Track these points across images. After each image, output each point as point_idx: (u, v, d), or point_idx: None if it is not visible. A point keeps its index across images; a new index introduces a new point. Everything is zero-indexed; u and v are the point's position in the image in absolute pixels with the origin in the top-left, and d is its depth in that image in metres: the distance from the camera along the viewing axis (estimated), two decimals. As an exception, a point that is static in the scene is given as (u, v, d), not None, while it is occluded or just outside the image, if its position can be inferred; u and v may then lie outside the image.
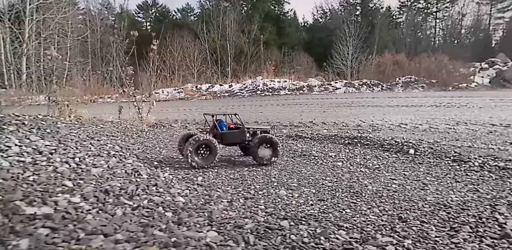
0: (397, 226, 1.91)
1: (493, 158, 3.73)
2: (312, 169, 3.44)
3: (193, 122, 8.35)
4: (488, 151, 4.15)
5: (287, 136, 5.64)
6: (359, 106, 11.32)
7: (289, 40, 38.68)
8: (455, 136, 5.44)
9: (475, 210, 2.19)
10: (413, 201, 2.42)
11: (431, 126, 6.40)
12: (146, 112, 6.58)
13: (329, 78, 25.01)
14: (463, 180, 3.02)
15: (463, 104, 10.79)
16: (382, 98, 14.75)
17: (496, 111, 8.65)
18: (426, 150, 4.17)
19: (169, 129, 6.33)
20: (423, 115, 8.22)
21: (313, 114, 9.24)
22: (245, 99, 18.92)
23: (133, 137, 4.90)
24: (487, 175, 3.16)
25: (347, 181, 2.98)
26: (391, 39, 36.23)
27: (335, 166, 3.61)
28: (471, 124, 6.57)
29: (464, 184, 2.87)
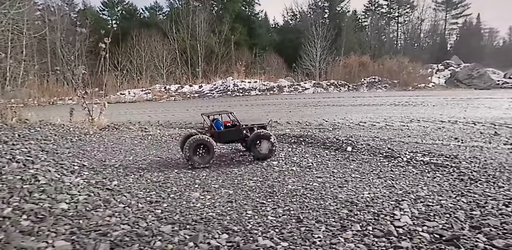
0: (287, 227, 1.89)
1: (425, 153, 3.90)
2: (244, 169, 3.41)
3: (157, 124, 8.11)
4: (431, 146, 4.43)
5: None
6: (324, 106, 11.64)
7: (260, 41, 38.99)
8: (408, 132, 5.75)
9: (379, 206, 2.21)
10: (324, 199, 2.41)
11: (387, 124, 6.72)
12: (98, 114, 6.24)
13: (298, 79, 25.51)
14: (385, 175, 3.07)
15: (419, 103, 11.48)
16: (347, 98, 15.29)
17: (446, 109, 9.30)
18: (363, 147, 4.31)
19: (122, 131, 6.07)
20: (382, 113, 8.63)
21: (280, 114, 9.35)
22: (215, 100, 18.75)
23: (73, 140, 4.67)
24: (409, 170, 3.24)
25: (271, 181, 2.94)
26: (357, 42, 37.75)
27: (270, 165, 3.58)
28: (423, 121, 6.99)
29: (384, 180, 2.91)
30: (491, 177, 2.92)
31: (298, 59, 27.55)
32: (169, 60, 27.38)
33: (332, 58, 26.67)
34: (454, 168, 3.23)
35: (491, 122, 6.50)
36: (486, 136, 5.28)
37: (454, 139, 5.09)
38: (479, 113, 8.16)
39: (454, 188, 2.65)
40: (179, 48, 29.22)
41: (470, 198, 2.38)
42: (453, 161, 3.55)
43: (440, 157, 3.70)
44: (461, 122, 6.63)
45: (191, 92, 22.13)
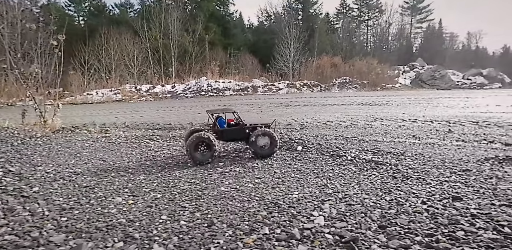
0: (192, 233, 1.81)
1: (375, 151, 3.97)
2: (187, 172, 3.28)
3: (122, 125, 7.79)
4: (388, 144, 4.61)
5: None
6: (296, 105, 11.82)
7: (235, 41, 38.89)
8: (370, 131, 5.96)
9: (301, 207, 2.17)
10: (250, 201, 2.34)
11: (352, 123, 6.94)
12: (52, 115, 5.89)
13: (272, 79, 25.76)
14: (324, 175, 3.04)
15: (384, 102, 11.99)
16: (318, 98, 15.64)
17: (408, 108, 9.79)
18: (313, 146, 4.33)
19: (77, 133, 5.77)
20: (349, 113, 8.91)
21: (251, 114, 9.35)
22: (188, 100, 18.42)
23: (14, 144, 4.37)
24: (349, 169, 3.23)
25: (207, 183, 2.84)
26: (329, 43, 38.88)
27: (216, 166, 3.47)
28: (386, 120, 7.30)
29: (321, 180, 2.88)
30: (423, 174, 2.96)
31: (272, 60, 27.83)
32: (141, 59, 26.55)
33: (305, 59, 27.22)
34: (393, 166, 3.26)
35: (447, 120, 6.91)
36: (441, 133, 5.60)
37: (412, 136, 5.34)
38: (437, 112, 8.67)
39: (384, 185, 2.66)
40: (151, 47, 28.44)
41: (394, 196, 2.37)
42: (399, 158, 3.63)
43: (387, 155, 3.79)
44: (420, 121, 6.99)
45: (164, 92, 21.60)
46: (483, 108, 9.34)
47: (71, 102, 17.78)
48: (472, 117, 7.35)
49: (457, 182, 2.72)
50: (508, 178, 2.78)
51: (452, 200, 2.28)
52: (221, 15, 41.42)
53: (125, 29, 27.76)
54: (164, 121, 8.13)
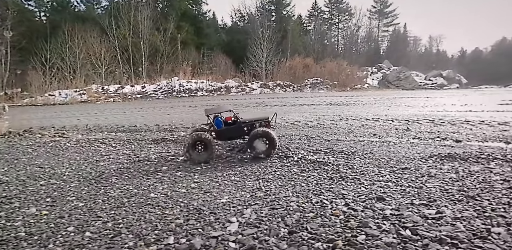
0: (89, 246, 1.75)
1: (328, 150, 3.99)
2: (125, 177, 3.13)
3: (84, 128, 7.42)
4: (348, 143, 4.77)
5: (153, 139, 5.29)
6: (266, 106, 11.91)
7: (208, 41, 38.46)
8: (335, 130, 6.14)
9: (223, 213, 2.12)
10: (174, 207, 2.23)
11: (319, 122, 7.11)
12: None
13: (245, 80, 25.81)
14: (264, 177, 2.96)
15: (352, 102, 12.43)
16: (290, 98, 15.88)
17: (373, 108, 10.23)
18: None
19: (25, 138, 5.42)
20: (317, 112, 9.13)
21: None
22: (159, 101, 17.93)
23: None
24: (291, 170, 3.19)
25: (140, 189, 2.72)
26: (302, 45, 39.63)
27: (158, 171, 3.33)
28: (351, 119, 7.56)
29: (258, 182, 2.81)
30: (360, 174, 2.98)
31: (245, 60, 27.88)
32: (108, 58, 25.43)
33: (278, 60, 27.56)
34: (335, 166, 3.26)
35: (406, 119, 7.29)
36: (400, 131, 5.89)
37: (373, 135, 5.58)
38: (399, 111, 9.13)
39: (318, 187, 2.63)
40: (120, 46, 27.34)
41: (322, 198, 2.35)
42: (348, 157, 3.68)
43: (339, 154, 3.85)
44: (382, 120, 7.31)
45: (133, 93, 20.85)
46: (440, 108, 9.98)
47: (31, 104, 16.63)
48: (429, 116, 7.82)
49: (389, 181, 2.77)
50: (439, 176, 2.91)
51: (375, 200, 2.29)
52: (194, 15, 40.79)
53: (91, 26, 26.45)
54: (129, 123, 7.84)
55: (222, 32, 45.39)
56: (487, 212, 2.06)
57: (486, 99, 13.65)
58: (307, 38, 42.82)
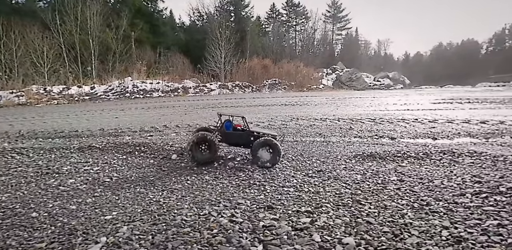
0: None
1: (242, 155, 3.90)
2: (17, 194, 2.84)
3: (16, 135, 6.70)
4: (291, 144, 4.95)
5: (78, 148, 4.79)
6: (222, 107, 11.86)
7: (165, 40, 37.24)
8: (284, 130, 6.32)
9: (95, 232, 1.98)
10: (45, 229, 2.04)
11: (270, 123, 7.26)
12: None
13: (204, 80, 25.45)
14: (171, 187, 2.81)
15: (305, 102, 12.91)
16: (248, 98, 16.00)
17: (324, 108, 10.73)
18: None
19: None
20: (271, 113, 9.32)
21: (173, 117, 9.03)
22: (109, 103, 16.89)
23: None
24: (204, 178, 3.04)
25: (25, 208, 2.48)
26: (261, 46, 40.23)
27: (61, 185, 3.03)
28: (301, 119, 7.83)
29: (161, 194, 2.67)
30: (270, 179, 2.93)
31: (204, 61, 27.49)
32: (52, 56, 23.30)
33: (237, 61, 27.63)
34: (250, 172, 3.20)
35: (351, 119, 7.75)
36: (343, 130, 6.24)
37: (318, 134, 5.84)
38: (346, 111, 9.69)
39: (220, 196, 2.52)
40: (66, 43, 25.23)
41: (215, 208, 2.26)
42: None
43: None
44: (330, 120, 7.69)
45: (80, 94, 19.37)
46: (382, 107, 10.79)
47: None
48: (372, 115, 8.41)
49: (293, 186, 2.72)
50: (344, 178, 2.93)
51: (264, 209, 2.21)
52: (149, 12, 39.18)
53: (31, 21, 24.03)
54: (71, 128, 7.26)
55: (180, 31, 44.25)
56: (359, 218, 2.03)
57: (423, 98, 15.07)
58: (266, 39, 43.58)
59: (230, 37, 29.26)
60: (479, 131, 5.86)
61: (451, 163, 3.47)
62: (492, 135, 5.53)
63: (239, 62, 27.65)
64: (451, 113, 8.65)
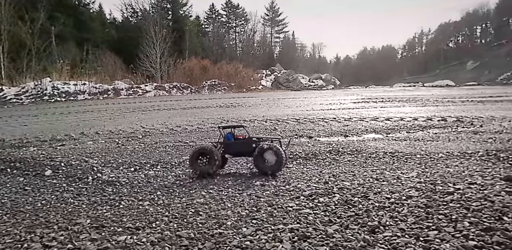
0: None
1: (150, 163, 3.85)
2: None
3: None
4: None
5: None
6: (155, 110, 11.41)
7: (93, 37, 34.06)
8: (211, 134, 6.37)
9: None
10: None
11: (199, 127, 7.24)
12: None
13: (138, 81, 24.04)
14: (23, 209, 2.52)
15: (241, 104, 13.17)
16: (184, 100, 15.65)
17: (257, 109, 11.11)
18: (68, 169, 3.68)
19: None
20: (203, 116, 9.29)
21: (96, 123, 8.36)
22: (22, 107, 14.80)
23: None
24: (62, 196, 2.82)
25: None
26: (200, 46, 39.63)
27: None
28: (232, 121, 7.98)
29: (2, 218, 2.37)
30: (135, 192, 2.82)
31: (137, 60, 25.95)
32: None
33: (174, 61, 26.73)
34: (118, 186, 3.05)
35: (278, 119, 8.17)
36: (268, 131, 6.56)
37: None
38: (276, 111, 10.19)
39: (64, 217, 2.30)
40: (-38, 37, 21.26)
41: (44, 232, 2.04)
42: (166, 169, 3.60)
43: (166, 164, 3.79)
44: (258, 121, 7.99)
45: (-17, 97, 16.56)
46: (310, 107, 11.62)
47: None
48: (298, 115, 8.99)
49: (151, 199, 2.57)
50: (219, 183, 2.99)
51: (93, 229, 2.07)
52: (73, 4, 35.35)
53: None
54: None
55: (111, 28, 40.91)
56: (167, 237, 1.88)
57: (346, 98, 16.65)
58: (206, 39, 43.08)
59: (167, 36, 28.14)
60: (382, 127, 6.70)
61: (332, 162, 3.74)
62: (392, 130, 6.40)
63: (177, 63, 26.79)
64: (365, 112, 9.75)
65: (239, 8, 55.36)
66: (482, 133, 5.67)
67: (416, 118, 7.73)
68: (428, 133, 6.00)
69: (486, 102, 11.91)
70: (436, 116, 7.97)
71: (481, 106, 10.52)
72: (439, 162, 3.50)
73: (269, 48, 55.00)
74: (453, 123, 6.88)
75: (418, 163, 3.50)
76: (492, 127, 6.29)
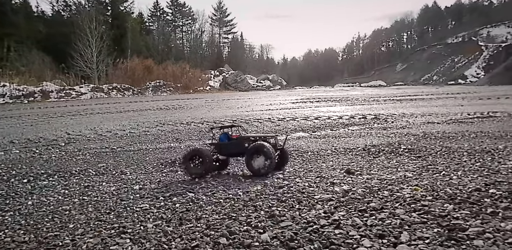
0: None
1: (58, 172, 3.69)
2: None
3: None
4: (131, 154, 4.98)
5: None
6: (87, 114, 10.68)
7: (16, 31, 30.30)
8: (143, 138, 6.22)
9: None
10: None
11: (131, 131, 7.03)
12: None
13: (71, 82, 22.08)
14: None
15: (182, 106, 13.02)
16: (124, 103, 14.90)
17: (198, 110, 11.12)
18: None
19: None
20: (139, 119, 8.99)
21: (14, 130, 7.56)
22: None
23: None
24: None
25: None
26: (144, 45, 37.81)
27: None
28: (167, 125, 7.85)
29: None
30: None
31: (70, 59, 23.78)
32: None
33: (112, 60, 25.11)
34: None
35: (215, 121, 8.30)
36: (202, 133, 6.65)
37: (176, 140, 6.03)
38: (217, 113, 10.32)
39: None
40: None
41: None
42: (63, 178, 3.45)
43: (65, 174, 3.64)
44: (195, 123, 8.01)
45: None
46: (250, 108, 12.00)
47: None
48: (236, 116, 9.23)
49: (14, 211, 2.45)
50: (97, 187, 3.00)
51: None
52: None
53: None
54: None
55: (38, 22, 36.72)
56: None
57: (287, 99, 17.50)
58: (150, 38, 41.23)
59: (104, 33, 26.25)
60: (310, 126, 7.25)
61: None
62: (318, 128, 6.96)
63: (117, 62, 25.17)
64: (299, 111, 10.41)
65: (186, 7, 54.12)
66: (389, 128, 6.52)
67: (341, 116, 8.51)
68: (348, 130, 6.70)
69: (403, 101, 13.60)
70: (359, 114, 8.88)
71: (399, 104, 11.99)
72: (320, 158, 3.84)
73: (218, 48, 54.77)
74: (371, 121, 7.76)
75: (303, 160, 3.79)
76: (400, 123, 7.25)
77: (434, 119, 7.50)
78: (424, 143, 4.46)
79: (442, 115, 8.06)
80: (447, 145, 4.26)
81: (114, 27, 32.31)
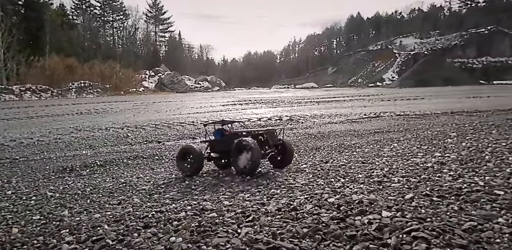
0: None
1: None
2: None
3: None
4: (30, 163, 4.90)
5: None
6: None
7: None
8: (52, 146, 6.01)
9: None
10: None
11: (40, 139, 6.69)
12: None
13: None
14: None
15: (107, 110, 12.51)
16: (38, 107, 13.58)
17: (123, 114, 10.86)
18: None
19: None
20: (53, 125, 8.48)
21: None
22: None
23: None
24: None
25: None
26: (68, 40, 34.27)
27: None
28: (84, 131, 7.62)
29: None
30: None
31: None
32: None
33: (25, 57, 22.34)
34: None
35: (136, 125, 8.25)
36: (119, 139, 6.65)
37: (89, 147, 5.96)
38: (142, 117, 10.25)
39: None
40: None
41: None
42: None
43: None
44: (114, 128, 7.89)
45: None
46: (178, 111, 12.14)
47: None
48: (161, 120, 9.30)
49: None
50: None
51: None
52: None
53: None
54: None
55: None
56: None
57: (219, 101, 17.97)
58: (74, 33, 37.49)
59: (14, 26, 23.13)
60: (230, 129, 7.82)
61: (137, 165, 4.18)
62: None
63: (31, 60, 22.43)
64: (225, 114, 10.96)
65: (116, 1, 50.48)
66: (295, 128, 7.40)
67: (260, 118, 9.26)
68: (261, 131, 7.43)
69: (321, 102, 15.22)
70: (277, 116, 9.76)
71: (316, 106, 13.42)
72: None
73: (154, 47, 52.42)
74: (285, 122, 8.66)
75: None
76: (307, 123, 8.25)
77: (335, 119, 8.70)
78: (303, 142, 5.31)
79: (343, 116, 9.35)
80: (317, 142, 5.16)
81: (28, 19, 28.61)
